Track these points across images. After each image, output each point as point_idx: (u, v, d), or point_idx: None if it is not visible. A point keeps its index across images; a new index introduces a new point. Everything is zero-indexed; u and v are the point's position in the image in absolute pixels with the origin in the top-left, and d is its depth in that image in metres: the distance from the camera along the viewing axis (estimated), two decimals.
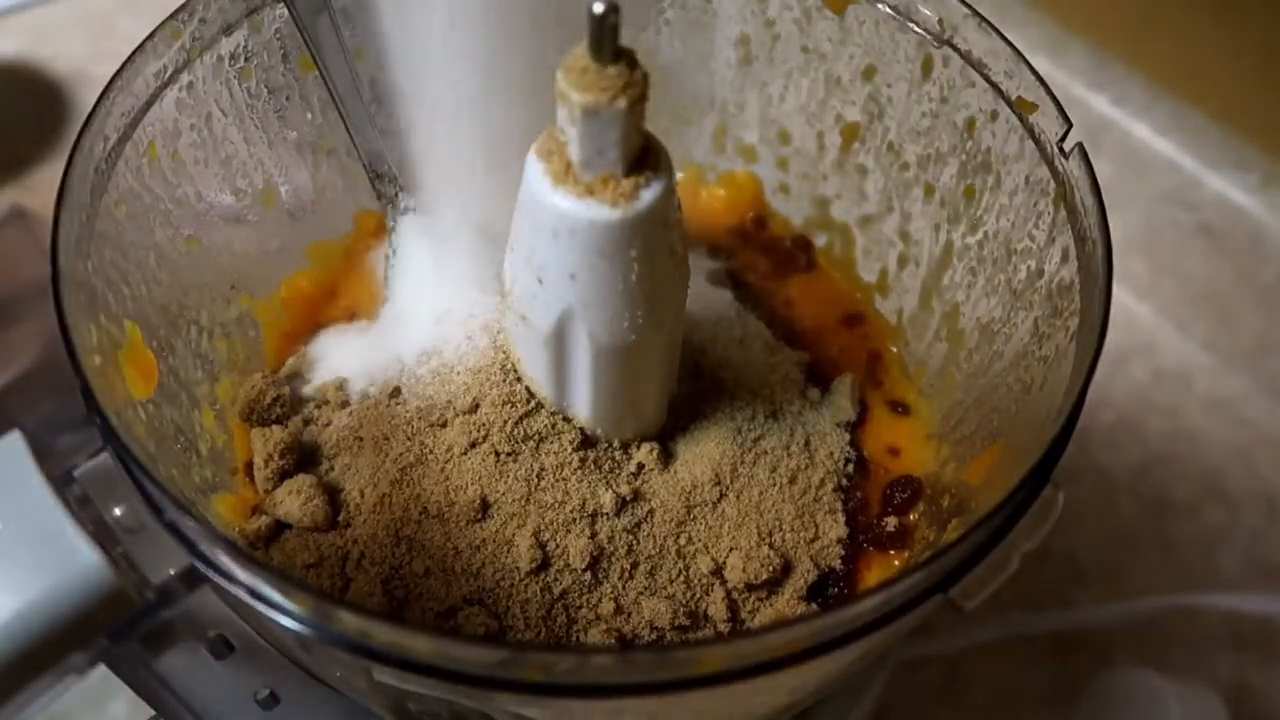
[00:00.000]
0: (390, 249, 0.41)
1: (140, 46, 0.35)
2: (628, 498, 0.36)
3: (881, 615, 0.28)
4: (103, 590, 0.30)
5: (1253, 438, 0.61)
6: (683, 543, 0.36)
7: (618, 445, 0.37)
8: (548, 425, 0.36)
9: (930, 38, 0.38)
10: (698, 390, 0.39)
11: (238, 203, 0.40)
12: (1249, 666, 0.54)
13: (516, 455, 0.36)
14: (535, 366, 0.35)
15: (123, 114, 0.35)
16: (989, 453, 0.36)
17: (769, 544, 0.37)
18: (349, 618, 0.27)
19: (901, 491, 0.39)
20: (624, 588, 0.35)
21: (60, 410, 0.48)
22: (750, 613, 0.36)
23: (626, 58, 0.27)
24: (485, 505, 0.35)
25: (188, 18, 0.36)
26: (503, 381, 0.36)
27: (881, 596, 0.28)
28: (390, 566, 0.35)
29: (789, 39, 0.43)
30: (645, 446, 0.37)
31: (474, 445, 0.36)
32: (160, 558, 0.33)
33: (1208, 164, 0.61)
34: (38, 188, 0.63)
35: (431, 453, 0.36)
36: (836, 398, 0.41)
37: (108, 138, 0.34)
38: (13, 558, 0.30)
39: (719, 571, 0.36)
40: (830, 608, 0.33)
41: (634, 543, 0.36)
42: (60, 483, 0.31)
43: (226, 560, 0.28)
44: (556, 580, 0.35)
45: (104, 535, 0.32)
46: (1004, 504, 0.29)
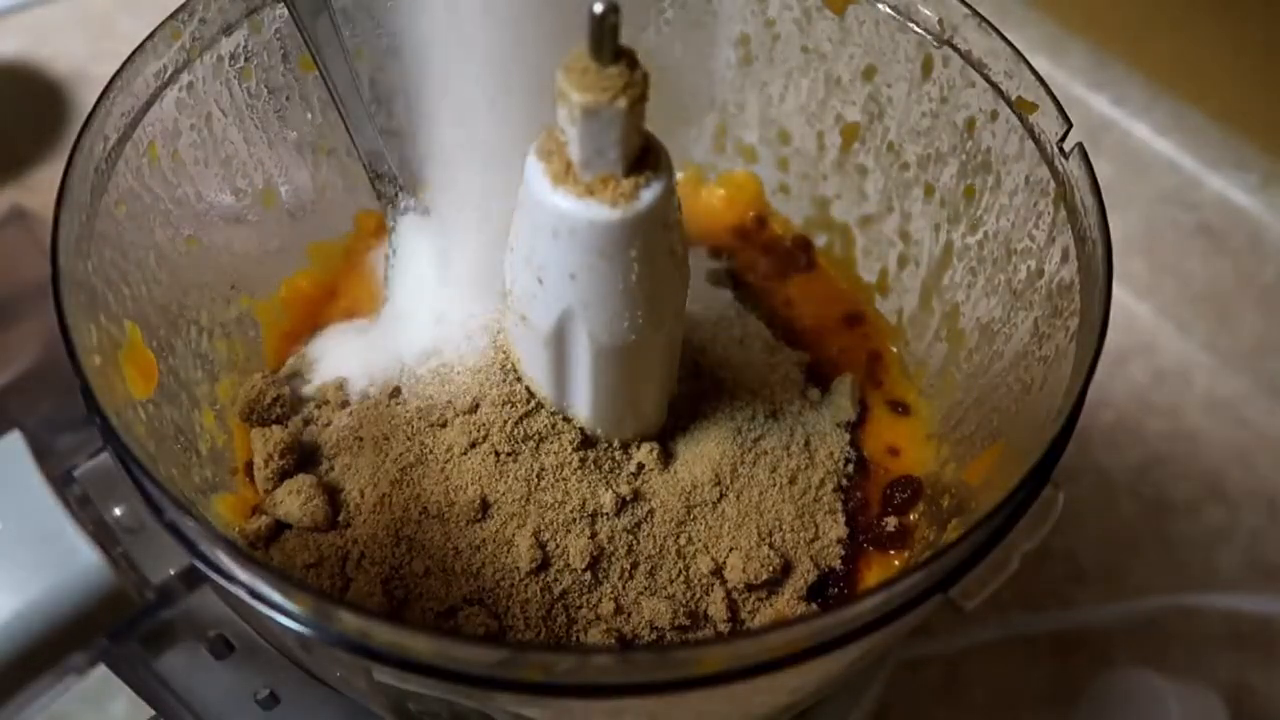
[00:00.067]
0: (390, 249, 0.41)
1: (140, 46, 0.35)
2: (628, 498, 0.36)
3: (881, 615, 0.28)
4: (103, 590, 0.30)
5: (1253, 438, 0.61)
6: (683, 543, 0.36)
7: (618, 445, 0.37)
8: (548, 425, 0.36)
9: (930, 38, 0.38)
10: (698, 390, 0.39)
11: (238, 203, 0.40)
12: (1249, 666, 0.54)
13: (516, 455, 0.36)
14: (535, 366, 0.35)
15: (123, 114, 0.35)
16: (989, 453, 0.36)
17: (769, 544, 0.37)
18: (349, 618, 0.27)
19: (901, 491, 0.39)
20: (624, 588, 0.35)
21: (60, 410, 0.47)
22: (750, 613, 0.36)
23: (626, 58, 0.27)
24: (485, 505, 0.35)
25: (188, 18, 0.36)
26: (503, 381, 0.36)
27: (881, 596, 0.28)
28: (390, 566, 0.35)
29: (789, 39, 0.43)
30: (645, 446, 0.37)
31: (474, 445, 0.36)
32: (160, 558, 0.33)
33: (1208, 164, 0.61)
34: (38, 188, 0.63)
35: (431, 453, 0.36)
36: (836, 398, 0.41)
37: (108, 138, 0.34)
38: (13, 558, 0.30)
39: (719, 571, 0.36)
40: (830, 608, 0.33)
41: (634, 543, 0.36)
42: (60, 483, 0.31)
43: (226, 560, 0.28)
44: (556, 580, 0.35)
45: (104, 535, 0.32)
46: (1004, 504, 0.29)
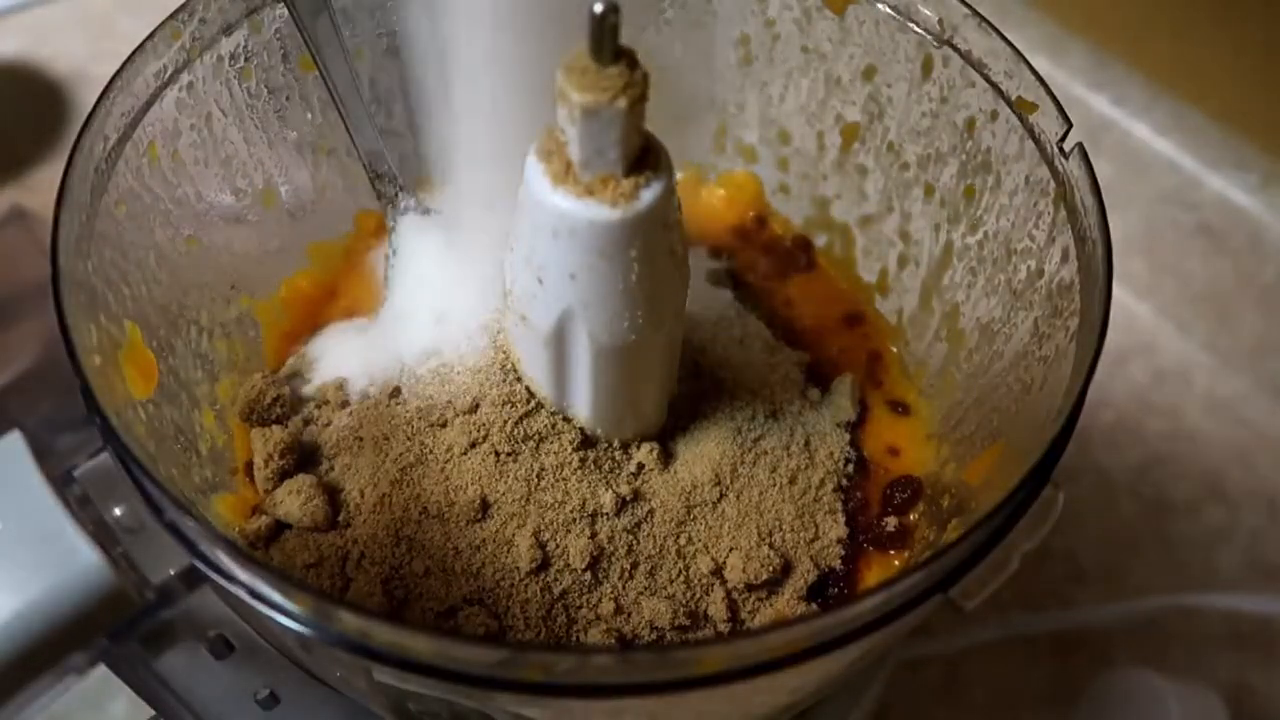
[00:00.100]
0: (390, 249, 0.41)
1: (140, 46, 0.35)
2: (628, 498, 0.36)
3: (881, 615, 0.28)
4: (103, 590, 0.30)
5: (1253, 438, 0.61)
6: (683, 543, 0.36)
7: (618, 445, 0.36)
8: (548, 425, 0.36)
9: (930, 38, 0.38)
10: (698, 390, 0.39)
11: (238, 203, 0.40)
12: (1249, 666, 0.54)
13: (516, 455, 0.36)
14: (535, 366, 0.35)
15: (123, 114, 0.35)
16: (989, 453, 0.36)
17: (769, 544, 0.37)
18: (349, 618, 0.27)
19: (901, 491, 0.39)
20: (624, 588, 0.35)
21: (60, 410, 0.48)
22: (750, 613, 0.36)
23: (626, 58, 0.27)
24: (485, 505, 0.35)
25: (188, 18, 0.36)
26: (503, 381, 0.36)
27: (881, 596, 0.28)
28: (390, 566, 0.35)
29: (789, 39, 0.43)
30: (645, 446, 0.37)
31: (474, 445, 0.36)
32: (160, 558, 0.33)
33: (1208, 164, 0.61)
34: (38, 188, 0.63)
35: (431, 453, 0.36)
36: (836, 398, 0.41)
37: (108, 138, 0.34)
38: (13, 558, 0.30)
39: (719, 571, 0.36)
40: (830, 608, 0.33)
41: (634, 543, 0.36)
42: (60, 483, 0.31)
43: (226, 560, 0.28)
44: (556, 580, 0.35)
45: (104, 535, 0.32)
46: (1004, 504, 0.29)
